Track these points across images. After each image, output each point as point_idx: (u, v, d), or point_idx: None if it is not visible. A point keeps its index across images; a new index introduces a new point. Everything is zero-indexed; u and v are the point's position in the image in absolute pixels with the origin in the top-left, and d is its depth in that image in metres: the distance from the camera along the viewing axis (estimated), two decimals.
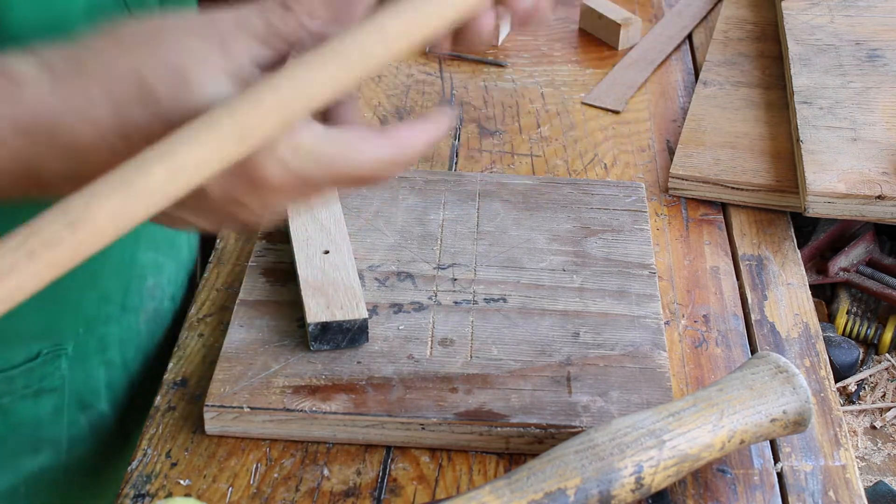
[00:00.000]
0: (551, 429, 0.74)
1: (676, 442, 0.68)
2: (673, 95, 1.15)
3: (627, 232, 0.91)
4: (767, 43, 1.19)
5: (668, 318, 0.87)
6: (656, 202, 0.99)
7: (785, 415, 0.71)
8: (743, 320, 0.87)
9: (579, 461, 0.66)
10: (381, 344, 0.80)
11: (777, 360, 0.73)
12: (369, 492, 0.72)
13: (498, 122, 1.09)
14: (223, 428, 0.75)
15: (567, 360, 0.79)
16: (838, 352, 0.91)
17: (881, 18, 1.15)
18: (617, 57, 1.21)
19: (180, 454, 0.74)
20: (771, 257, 0.93)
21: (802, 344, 0.85)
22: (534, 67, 1.19)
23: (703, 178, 0.99)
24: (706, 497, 0.73)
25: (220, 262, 0.91)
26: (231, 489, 0.72)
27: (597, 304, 0.83)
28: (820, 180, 0.93)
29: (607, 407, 0.75)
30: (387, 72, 1.17)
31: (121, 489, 0.72)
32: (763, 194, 0.98)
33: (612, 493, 0.66)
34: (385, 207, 0.93)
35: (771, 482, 0.74)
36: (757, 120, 1.06)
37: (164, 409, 0.78)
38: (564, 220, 0.92)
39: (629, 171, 1.03)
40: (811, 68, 1.07)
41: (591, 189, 0.95)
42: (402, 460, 0.74)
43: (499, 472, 0.74)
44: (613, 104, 1.13)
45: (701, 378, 0.82)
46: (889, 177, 0.93)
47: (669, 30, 1.25)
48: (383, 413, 0.74)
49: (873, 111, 1.01)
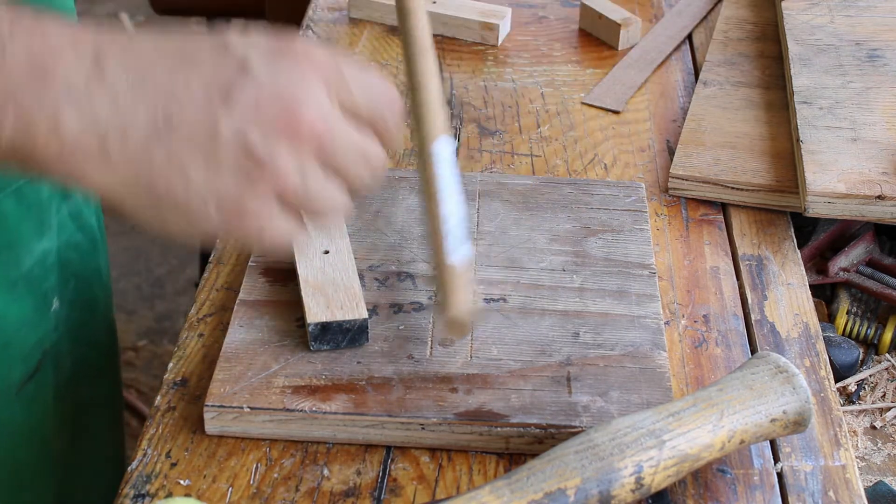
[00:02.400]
0: (551, 429, 0.74)
1: (676, 442, 0.68)
2: (673, 95, 1.15)
3: (627, 232, 0.91)
4: (767, 43, 1.19)
5: (668, 318, 0.87)
6: (656, 202, 0.99)
7: (785, 415, 0.71)
8: (743, 320, 0.87)
9: (579, 461, 0.66)
10: (381, 344, 0.80)
11: (777, 360, 0.73)
12: (369, 492, 0.72)
13: (498, 122, 1.10)
14: (223, 428, 0.75)
15: (567, 360, 0.79)
16: (838, 352, 0.90)
17: (881, 18, 1.15)
18: (617, 57, 1.21)
19: (180, 454, 0.75)
20: (771, 257, 0.93)
21: (802, 344, 0.85)
22: (534, 67, 1.19)
23: (703, 178, 0.99)
24: (706, 497, 0.73)
25: (220, 262, 0.91)
26: (231, 489, 0.72)
27: (597, 304, 0.83)
28: (820, 180, 0.93)
29: (607, 407, 0.75)
30: (387, 72, 1.17)
31: (121, 489, 0.72)
32: (763, 194, 0.98)
33: (612, 493, 0.66)
34: (385, 207, 0.93)
35: (771, 482, 0.74)
36: (757, 120, 1.06)
37: (164, 409, 0.78)
38: (564, 220, 0.92)
39: (629, 171, 1.03)
40: (811, 68, 1.07)
41: (591, 189, 0.95)
42: (402, 460, 0.74)
43: (499, 472, 0.74)
44: (613, 104, 1.13)
45: (701, 378, 0.82)
46: (889, 177, 0.93)
47: (669, 30, 1.25)
48: (383, 413, 0.74)
49: (873, 111, 1.01)
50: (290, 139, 0.58)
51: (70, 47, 0.57)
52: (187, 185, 0.58)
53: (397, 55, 1.20)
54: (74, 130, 0.56)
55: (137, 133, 0.57)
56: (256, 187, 0.59)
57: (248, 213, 0.59)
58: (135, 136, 0.57)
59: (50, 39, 0.57)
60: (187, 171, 0.58)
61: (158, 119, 0.57)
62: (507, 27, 1.24)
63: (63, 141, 0.56)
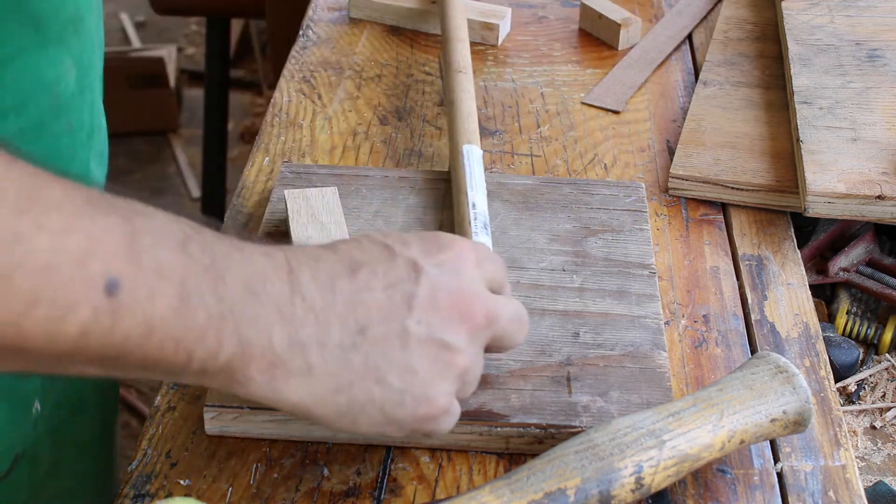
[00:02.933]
0: (551, 429, 0.74)
1: (676, 442, 0.68)
2: (673, 95, 1.15)
3: (627, 232, 0.91)
4: (767, 43, 1.19)
5: (668, 318, 0.87)
6: (656, 202, 0.99)
7: (785, 415, 0.71)
8: (743, 320, 0.87)
9: (579, 461, 0.66)
10: None
11: (777, 360, 0.73)
12: (369, 492, 0.72)
13: (498, 122, 1.09)
14: (223, 428, 0.75)
15: (567, 360, 0.79)
16: (838, 352, 0.90)
17: (881, 18, 1.15)
18: (617, 57, 1.21)
19: (180, 454, 0.74)
20: (771, 257, 0.93)
21: (802, 344, 0.85)
22: (534, 67, 1.19)
23: (703, 178, 0.99)
24: (706, 497, 0.73)
25: None
26: (231, 489, 0.72)
27: (597, 304, 0.83)
28: (820, 180, 0.93)
29: (607, 407, 0.75)
30: (387, 72, 1.17)
31: (121, 489, 0.72)
32: (763, 194, 0.98)
33: (612, 493, 0.66)
34: (385, 207, 0.93)
35: (771, 482, 0.74)
36: (757, 120, 1.06)
37: (164, 409, 0.78)
38: (564, 220, 0.92)
39: (629, 171, 1.03)
40: (811, 68, 1.07)
41: (591, 189, 0.95)
42: (402, 460, 0.74)
43: (499, 472, 0.74)
44: (613, 104, 1.13)
45: (701, 378, 0.82)
46: (889, 177, 0.93)
47: (669, 30, 1.25)
48: None
49: (873, 111, 1.01)
50: (470, 325, 0.65)
51: (270, 265, 0.61)
52: (383, 388, 0.63)
53: (397, 55, 1.20)
54: (283, 345, 0.60)
55: (334, 345, 0.62)
56: (446, 373, 0.65)
57: (438, 398, 0.65)
58: (333, 349, 0.62)
59: (254, 259, 0.61)
60: (384, 375, 0.63)
61: (352, 330, 0.62)
62: (507, 27, 1.24)
63: (273, 357, 0.60)
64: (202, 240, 0.59)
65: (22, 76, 0.74)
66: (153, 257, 0.56)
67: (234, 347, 0.59)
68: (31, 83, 0.76)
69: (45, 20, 0.75)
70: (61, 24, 0.76)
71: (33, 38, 0.74)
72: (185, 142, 2.97)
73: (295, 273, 0.62)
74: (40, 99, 0.76)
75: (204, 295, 0.58)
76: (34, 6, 0.73)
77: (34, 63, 0.75)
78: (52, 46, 0.76)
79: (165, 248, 0.57)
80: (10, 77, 0.73)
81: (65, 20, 0.77)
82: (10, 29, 0.72)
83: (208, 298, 0.58)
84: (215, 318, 0.58)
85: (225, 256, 0.59)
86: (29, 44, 0.74)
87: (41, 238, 0.52)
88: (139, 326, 0.56)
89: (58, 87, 0.77)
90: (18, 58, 0.74)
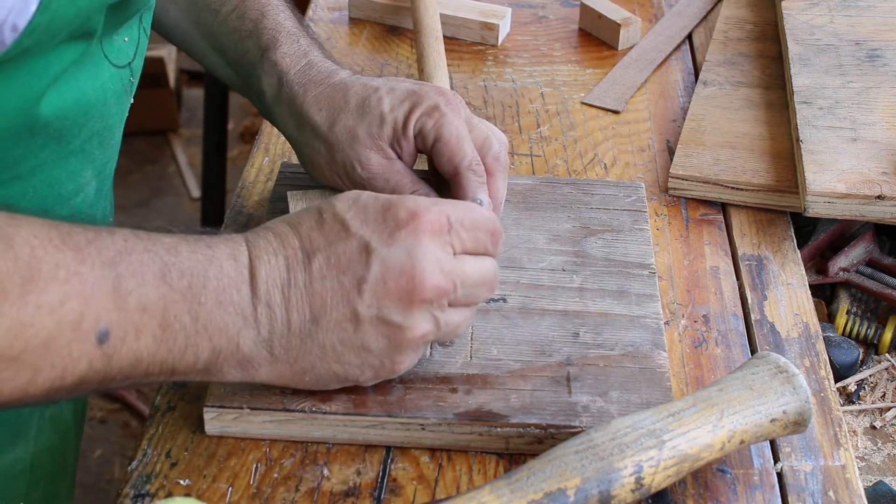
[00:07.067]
0: (551, 429, 0.74)
1: (676, 442, 0.68)
2: (673, 95, 1.15)
3: (627, 232, 0.91)
4: (767, 43, 1.19)
5: (667, 318, 0.87)
6: (656, 202, 0.99)
7: (785, 415, 0.71)
8: (743, 320, 0.87)
9: (579, 461, 0.66)
10: None
11: (777, 360, 0.73)
12: (369, 492, 0.72)
13: (498, 122, 1.09)
14: (223, 428, 0.75)
15: (567, 360, 0.79)
16: (838, 352, 0.90)
17: (881, 18, 1.15)
18: (617, 57, 1.21)
19: (180, 454, 0.74)
20: (771, 257, 0.93)
21: (802, 344, 0.85)
22: (534, 67, 1.19)
23: (703, 178, 0.99)
24: (706, 497, 0.73)
25: None
26: (231, 489, 0.72)
27: (597, 304, 0.83)
28: (820, 180, 0.93)
29: (607, 407, 0.75)
30: (387, 71, 1.17)
31: (121, 489, 0.72)
32: (763, 194, 0.98)
33: (612, 493, 0.66)
34: None
35: (771, 482, 0.74)
36: (757, 120, 1.06)
37: (164, 409, 0.78)
38: (564, 220, 0.92)
39: (629, 171, 1.03)
40: (811, 68, 1.07)
41: (591, 189, 0.95)
42: (402, 460, 0.74)
43: (499, 472, 0.74)
44: (613, 104, 1.13)
45: (701, 378, 0.82)
46: (889, 177, 0.93)
47: (669, 30, 1.25)
48: (383, 413, 0.74)
49: (873, 111, 1.01)
50: (420, 303, 0.69)
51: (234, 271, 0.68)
52: (343, 365, 0.71)
53: (397, 55, 1.20)
54: (249, 346, 0.69)
55: (294, 336, 0.69)
56: (401, 348, 0.71)
57: (396, 367, 0.72)
58: (292, 339, 0.70)
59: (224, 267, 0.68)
60: (341, 355, 0.71)
61: (307, 319, 0.69)
62: (507, 27, 1.24)
63: (241, 356, 0.69)
64: (179, 264, 0.66)
65: (43, 190, 0.78)
66: (137, 298, 0.64)
67: (208, 355, 0.68)
68: (51, 197, 0.79)
69: (68, 135, 0.77)
70: (85, 138, 0.79)
71: (55, 151, 0.77)
72: (185, 142, 2.97)
73: (256, 274, 0.69)
74: (58, 211, 0.80)
75: (182, 317, 0.66)
76: (58, 124, 0.75)
77: (55, 177, 0.78)
78: (73, 159, 0.79)
79: (147, 285, 0.65)
80: (32, 190, 0.77)
81: (90, 133, 0.79)
82: (35, 144, 0.75)
83: (185, 319, 0.66)
84: (192, 337, 0.67)
85: (200, 274, 0.67)
86: (50, 157, 0.77)
87: (42, 318, 0.60)
88: (128, 360, 0.65)
89: (76, 199, 0.81)
90: (40, 171, 0.77)
